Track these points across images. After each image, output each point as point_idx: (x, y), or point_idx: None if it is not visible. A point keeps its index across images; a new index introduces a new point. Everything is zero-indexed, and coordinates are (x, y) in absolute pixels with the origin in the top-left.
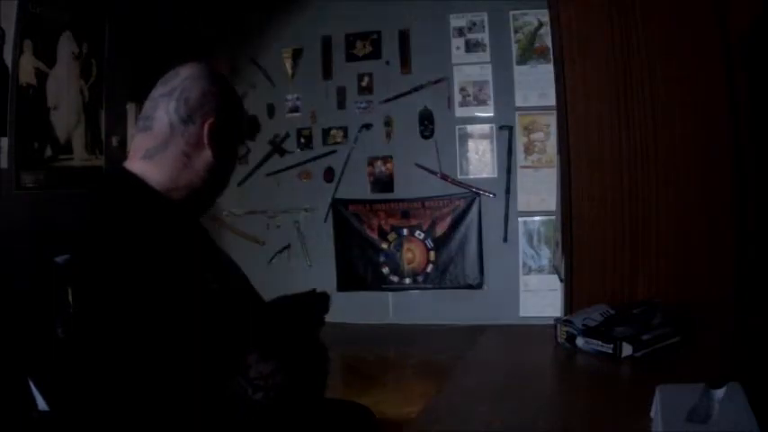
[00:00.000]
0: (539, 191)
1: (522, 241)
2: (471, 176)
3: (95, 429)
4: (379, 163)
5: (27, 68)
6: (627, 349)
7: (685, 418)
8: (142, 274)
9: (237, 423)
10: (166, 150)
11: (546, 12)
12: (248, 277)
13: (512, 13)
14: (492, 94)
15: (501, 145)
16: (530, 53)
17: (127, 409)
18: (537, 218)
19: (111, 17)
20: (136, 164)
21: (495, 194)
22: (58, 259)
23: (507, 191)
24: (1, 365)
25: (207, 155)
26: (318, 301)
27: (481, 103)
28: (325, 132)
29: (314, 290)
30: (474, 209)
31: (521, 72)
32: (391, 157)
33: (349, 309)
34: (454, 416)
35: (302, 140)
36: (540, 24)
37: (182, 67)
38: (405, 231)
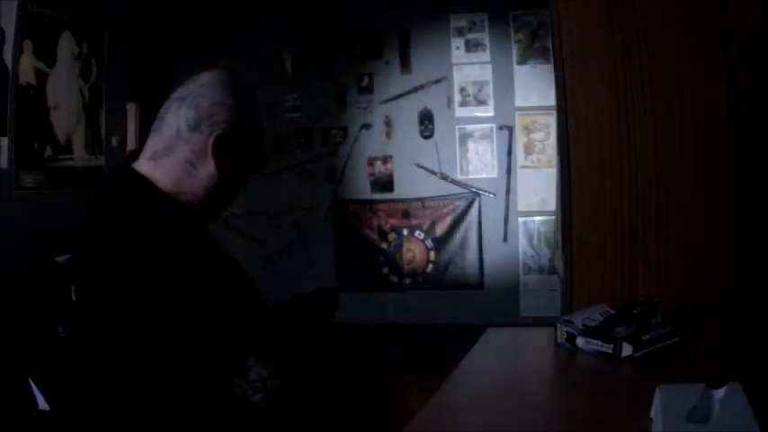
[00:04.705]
0: (539, 191)
1: (522, 241)
2: (471, 176)
3: (96, 429)
4: (379, 163)
5: (27, 68)
6: (627, 349)
7: (685, 418)
8: (145, 274)
9: (237, 424)
10: (171, 155)
11: (546, 12)
12: (252, 280)
13: (512, 13)
14: (492, 94)
15: (501, 145)
16: (530, 53)
17: (127, 409)
18: (537, 218)
19: (111, 17)
20: (143, 164)
21: (494, 194)
22: (59, 259)
23: (507, 191)
24: (2, 365)
25: (210, 166)
26: (324, 300)
27: (481, 103)
28: (326, 132)
29: (319, 288)
30: (474, 209)
31: (521, 72)
32: (391, 157)
33: (349, 309)
34: (454, 416)
35: (302, 140)
36: (540, 24)
37: (204, 72)
38: (405, 231)
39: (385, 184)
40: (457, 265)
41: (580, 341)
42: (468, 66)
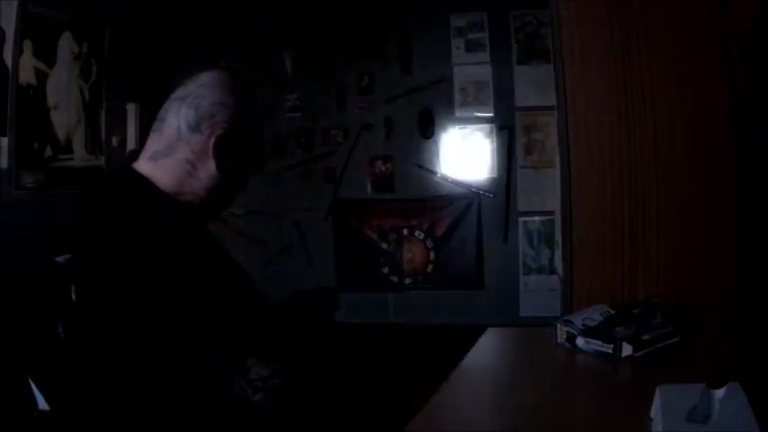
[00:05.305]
0: (539, 191)
1: (522, 241)
2: (471, 176)
3: (96, 429)
4: (379, 163)
5: (27, 68)
6: (627, 349)
7: (685, 419)
8: (146, 274)
9: (237, 424)
10: (171, 155)
11: (546, 12)
12: (252, 280)
13: (512, 13)
14: (492, 94)
15: (501, 145)
16: (530, 53)
17: (128, 409)
18: (537, 218)
19: (111, 17)
20: (143, 164)
21: (494, 194)
22: (59, 259)
23: (507, 191)
24: (2, 365)
25: (211, 166)
26: (324, 300)
27: (481, 103)
28: (325, 132)
29: (319, 288)
30: (474, 209)
31: (521, 72)
32: (391, 157)
33: (349, 309)
34: (454, 416)
35: (302, 140)
36: (540, 24)
37: (204, 72)
38: (405, 231)
39: (385, 184)
40: (457, 265)
41: (580, 341)
42: (469, 66)
